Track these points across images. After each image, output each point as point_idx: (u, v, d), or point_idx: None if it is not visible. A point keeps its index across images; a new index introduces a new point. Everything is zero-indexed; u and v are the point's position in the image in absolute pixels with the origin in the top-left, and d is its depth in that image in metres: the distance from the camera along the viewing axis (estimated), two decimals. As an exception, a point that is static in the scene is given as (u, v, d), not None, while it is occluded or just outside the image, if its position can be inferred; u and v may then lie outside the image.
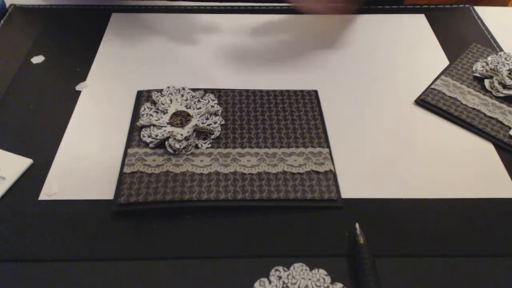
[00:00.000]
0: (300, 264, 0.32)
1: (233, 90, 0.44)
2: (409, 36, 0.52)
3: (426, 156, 0.40)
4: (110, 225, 0.34)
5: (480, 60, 0.48)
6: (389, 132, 0.41)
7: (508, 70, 0.44)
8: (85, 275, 0.31)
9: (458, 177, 0.38)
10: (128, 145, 0.38)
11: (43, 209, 0.35)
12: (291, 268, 0.32)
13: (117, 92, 0.44)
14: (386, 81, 0.46)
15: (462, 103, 0.43)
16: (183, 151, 0.38)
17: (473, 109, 0.43)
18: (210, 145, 0.39)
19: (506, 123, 0.41)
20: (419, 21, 0.55)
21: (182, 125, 0.39)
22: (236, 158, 0.38)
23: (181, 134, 0.37)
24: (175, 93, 0.41)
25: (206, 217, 0.35)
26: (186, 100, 0.41)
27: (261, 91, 0.44)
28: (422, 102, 0.44)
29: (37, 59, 0.48)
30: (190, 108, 0.40)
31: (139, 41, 0.51)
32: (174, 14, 0.55)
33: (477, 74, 0.46)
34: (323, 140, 0.39)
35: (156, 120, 0.39)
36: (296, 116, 0.41)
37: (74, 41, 0.50)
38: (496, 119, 0.42)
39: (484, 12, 0.56)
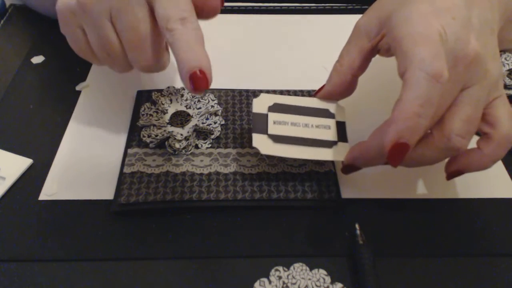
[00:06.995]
0: (300, 264, 0.32)
1: (233, 90, 0.44)
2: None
3: (426, 156, 0.39)
4: (110, 225, 0.34)
5: (480, 60, 0.47)
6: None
7: (508, 70, 0.44)
8: (85, 275, 0.31)
9: (458, 177, 0.38)
10: (128, 145, 0.38)
11: (43, 209, 0.35)
12: (291, 268, 0.32)
13: (117, 92, 0.44)
14: (386, 81, 0.46)
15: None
16: (183, 151, 0.38)
17: (473, 109, 0.43)
18: (210, 145, 0.39)
19: (506, 123, 0.41)
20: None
21: (182, 125, 0.39)
22: (236, 158, 0.38)
23: (181, 134, 0.37)
24: (175, 93, 0.41)
25: (206, 217, 0.35)
26: (186, 100, 0.41)
27: (261, 91, 0.44)
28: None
29: (37, 59, 0.48)
30: (190, 108, 0.40)
31: (139, 41, 0.50)
32: (174, 14, 0.55)
33: (477, 74, 0.46)
34: (323, 140, 0.39)
35: (156, 120, 0.39)
36: (296, 116, 0.41)
37: (74, 41, 0.50)
38: (496, 119, 0.42)
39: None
